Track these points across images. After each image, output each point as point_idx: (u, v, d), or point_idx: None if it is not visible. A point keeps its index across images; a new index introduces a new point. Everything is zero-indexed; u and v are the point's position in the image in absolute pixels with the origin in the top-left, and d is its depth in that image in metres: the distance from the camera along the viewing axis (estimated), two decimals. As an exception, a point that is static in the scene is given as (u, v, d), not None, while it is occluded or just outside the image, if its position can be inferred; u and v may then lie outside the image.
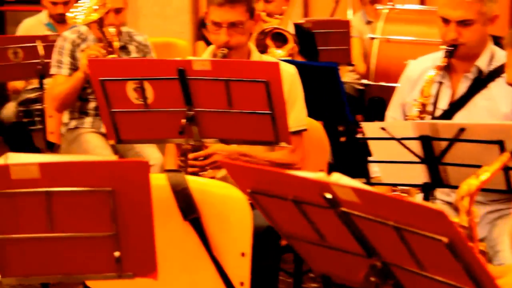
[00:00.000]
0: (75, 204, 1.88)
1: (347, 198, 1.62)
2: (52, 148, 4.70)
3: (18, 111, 5.57)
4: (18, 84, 5.69)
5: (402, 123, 3.03)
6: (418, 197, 3.01)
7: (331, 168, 3.79)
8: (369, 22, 6.06)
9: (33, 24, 5.83)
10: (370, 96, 5.44)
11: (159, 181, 2.61)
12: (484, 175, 1.96)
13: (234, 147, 3.23)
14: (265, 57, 3.52)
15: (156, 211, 2.53)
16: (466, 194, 1.96)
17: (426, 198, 2.83)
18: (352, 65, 5.69)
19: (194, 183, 2.60)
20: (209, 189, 2.63)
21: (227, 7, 3.24)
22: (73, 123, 4.47)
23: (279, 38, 4.61)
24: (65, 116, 4.53)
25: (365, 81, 5.47)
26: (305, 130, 3.40)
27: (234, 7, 3.25)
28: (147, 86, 2.95)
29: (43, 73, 4.93)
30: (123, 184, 1.87)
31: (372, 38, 5.50)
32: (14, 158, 1.83)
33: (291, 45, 4.57)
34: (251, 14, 3.31)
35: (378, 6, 5.73)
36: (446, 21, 3.14)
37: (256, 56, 3.40)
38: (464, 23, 3.11)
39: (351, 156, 4.35)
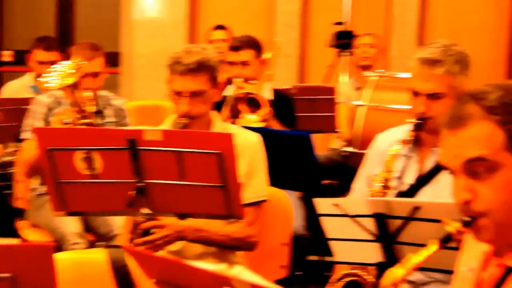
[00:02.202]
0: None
1: (246, 293, 1.50)
2: (20, 214, 4.59)
3: (-5, 173, 5.49)
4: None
5: (356, 200, 2.90)
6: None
7: (296, 241, 3.67)
8: (358, 89, 5.96)
9: (18, 87, 5.78)
10: (354, 164, 5.31)
11: (99, 257, 2.50)
12: (409, 265, 1.84)
13: (189, 221, 3.10)
14: (229, 126, 3.41)
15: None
16: (390, 283, 1.84)
17: (380, 277, 2.69)
18: (337, 131, 5.58)
19: (135, 259, 2.47)
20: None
21: (189, 77, 3.15)
22: (42, 189, 4.36)
23: (253, 103, 4.52)
24: (34, 182, 4.44)
25: (349, 148, 5.35)
26: (264, 201, 3.28)
27: (196, 76, 3.15)
28: (96, 156, 2.85)
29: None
30: (25, 269, 1.75)
31: (359, 105, 5.39)
32: None
33: (265, 110, 4.48)
34: (213, 83, 3.21)
35: (367, 73, 5.63)
36: (416, 93, 3.04)
37: (218, 125, 3.29)
38: (434, 96, 3.00)
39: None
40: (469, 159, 1.78)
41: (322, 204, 2.71)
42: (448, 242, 1.86)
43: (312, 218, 4.56)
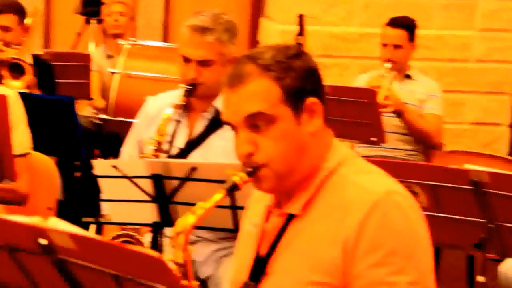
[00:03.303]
0: None
1: (64, 244, 1.51)
2: None
3: None
4: None
5: (134, 161, 2.96)
6: (147, 236, 2.96)
7: (61, 205, 3.65)
8: (110, 57, 5.96)
9: None
10: (108, 131, 5.34)
11: None
12: (200, 211, 1.91)
13: None
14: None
15: None
16: (181, 230, 1.90)
17: (155, 236, 2.78)
18: (91, 99, 5.56)
19: None
20: None
21: None
22: None
23: (17, 69, 4.40)
24: None
25: (103, 116, 5.37)
26: (29, 153, 3.27)
27: None
28: None
29: None
30: None
31: (113, 73, 5.41)
32: None
33: (29, 77, 4.38)
34: None
35: (120, 41, 5.65)
36: (186, 60, 3.13)
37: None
38: (204, 63, 3.11)
39: (85, 193, 4.23)
40: (249, 114, 1.89)
41: (100, 166, 2.74)
42: (234, 191, 1.93)
43: (71, 181, 4.57)
